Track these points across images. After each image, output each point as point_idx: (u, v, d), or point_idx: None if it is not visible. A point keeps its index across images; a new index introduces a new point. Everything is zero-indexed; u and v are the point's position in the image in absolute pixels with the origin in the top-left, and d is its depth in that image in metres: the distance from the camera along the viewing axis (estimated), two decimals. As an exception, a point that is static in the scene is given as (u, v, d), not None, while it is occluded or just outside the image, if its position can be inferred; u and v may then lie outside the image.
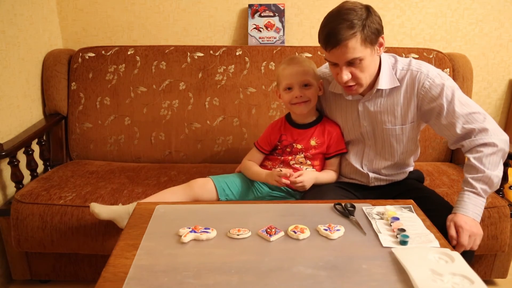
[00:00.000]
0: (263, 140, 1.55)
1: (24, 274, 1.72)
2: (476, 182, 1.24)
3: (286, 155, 1.51)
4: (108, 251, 1.24)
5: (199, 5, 2.20)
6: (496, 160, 1.26)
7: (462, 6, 2.20)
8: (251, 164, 1.54)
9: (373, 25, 1.21)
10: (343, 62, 1.24)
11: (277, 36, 2.16)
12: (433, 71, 1.33)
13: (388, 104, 1.37)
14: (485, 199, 1.25)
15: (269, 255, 1.00)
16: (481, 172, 1.24)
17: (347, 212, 1.18)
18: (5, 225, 1.63)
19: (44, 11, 2.07)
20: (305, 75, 1.41)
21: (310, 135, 1.48)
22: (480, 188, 1.24)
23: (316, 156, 1.49)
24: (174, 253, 1.01)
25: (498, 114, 2.37)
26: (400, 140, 1.42)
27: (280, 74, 1.45)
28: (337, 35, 1.19)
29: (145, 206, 1.24)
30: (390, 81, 1.34)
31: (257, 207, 1.26)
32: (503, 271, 1.74)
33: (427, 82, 1.31)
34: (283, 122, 1.53)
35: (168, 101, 2.03)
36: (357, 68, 1.25)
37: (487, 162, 1.25)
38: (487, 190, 1.25)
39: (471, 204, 1.23)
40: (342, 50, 1.21)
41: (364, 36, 1.20)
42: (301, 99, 1.41)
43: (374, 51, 1.26)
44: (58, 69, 2.03)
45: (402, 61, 1.37)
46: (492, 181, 1.24)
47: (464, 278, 0.89)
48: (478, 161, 1.25)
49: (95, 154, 2.04)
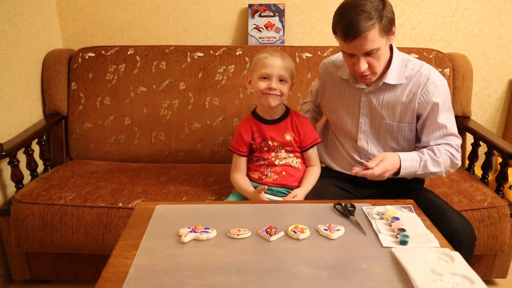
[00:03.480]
0: (237, 143, 1.52)
1: (24, 274, 1.72)
2: (428, 155, 1.35)
3: (264, 154, 1.49)
4: (108, 251, 1.25)
5: (199, 5, 2.20)
6: (447, 164, 1.37)
7: (462, 6, 2.20)
8: (238, 180, 1.51)
9: (388, 15, 1.24)
10: (362, 53, 1.26)
11: (277, 36, 2.16)
12: (442, 81, 1.37)
13: (390, 100, 1.39)
14: (418, 169, 1.35)
15: (269, 255, 1.00)
16: (437, 157, 1.35)
17: (347, 212, 1.18)
18: (5, 225, 1.63)
19: (44, 11, 2.07)
20: (286, 70, 1.40)
21: (283, 130, 1.48)
22: (425, 159, 1.34)
23: (297, 149, 1.50)
24: (174, 253, 1.01)
25: (498, 114, 2.37)
26: (395, 137, 1.43)
27: (260, 62, 1.41)
28: (357, 26, 1.20)
29: (145, 206, 1.24)
30: (398, 77, 1.37)
31: (257, 207, 1.26)
32: (503, 271, 1.74)
33: (431, 88, 1.34)
34: (251, 119, 1.52)
35: (168, 101, 2.03)
36: (374, 58, 1.28)
37: (443, 159, 1.36)
38: (426, 166, 1.35)
39: (410, 161, 1.34)
40: (362, 42, 1.22)
41: (382, 26, 1.22)
42: (275, 92, 1.40)
43: (389, 40, 1.29)
44: (58, 69, 2.03)
45: (415, 62, 1.39)
46: (434, 168, 1.35)
47: (464, 278, 0.89)
48: (439, 151, 1.36)
49: (95, 154, 2.04)
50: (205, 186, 1.71)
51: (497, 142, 1.75)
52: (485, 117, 2.38)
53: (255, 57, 1.46)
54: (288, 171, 1.49)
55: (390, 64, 1.36)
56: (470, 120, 2.03)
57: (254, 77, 1.44)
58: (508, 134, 2.33)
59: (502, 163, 1.71)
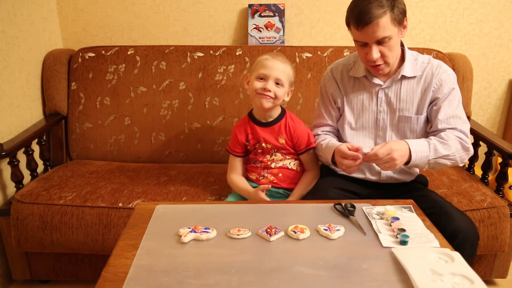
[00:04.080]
0: (233, 143, 1.54)
1: (24, 274, 1.72)
2: (435, 140, 1.34)
3: (259, 156, 1.50)
4: (108, 251, 1.25)
5: (199, 5, 2.20)
6: (458, 148, 1.35)
7: (462, 6, 2.20)
8: (236, 181, 1.52)
9: (400, 5, 1.29)
10: (374, 41, 1.29)
11: (277, 36, 2.16)
12: (451, 70, 1.43)
13: (408, 93, 1.43)
14: (429, 154, 1.32)
15: (269, 255, 1.00)
16: (444, 140, 1.34)
17: (347, 212, 1.18)
18: (5, 225, 1.63)
19: (44, 11, 2.07)
20: (283, 74, 1.41)
21: (277, 133, 1.48)
22: (433, 143, 1.33)
23: (292, 151, 1.50)
24: (174, 253, 1.01)
25: (498, 114, 2.37)
26: (414, 130, 1.45)
27: (260, 63, 1.43)
28: (369, 13, 1.25)
29: (145, 206, 1.24)
30: (413, 69, 1.41)
31: (257, 207, 1.26)
32: (503, 271, 1.73)
33: (444, 76, 1.40)
34: (247, 120, 1.53)
35: (168, 101, 2.03)
36: (386, 47, 1.31)
37: (452, 142, 1.34)
38: (437, 148, 1.32)
39: (418, 145, 1.32)
40: (374, 28, 1.26)
41: (394, 15, 1.27)
42: (269, 93, 1.40)
43: (400, 32, 1.33)
44: (58, 69, 2.03)
45: (423, 57, 1.45)
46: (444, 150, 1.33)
47: (464, 278, 0.89)
48: (446, 135, 1.35)
49: (95, 154, 2.04)
50: (205, 186, 1.71)
51: (497, 142, 1.75)
52: (485, 117, 2.38)
53: (258, 58, 1.47)
54: (284, 173, 1.49)
55: (404, 58, 1.41)
56: (470, 120, 2.03)
57: (252, 77, 1.45)
58: (508, 134, 2.33)
59: (502, 163, 1.71)
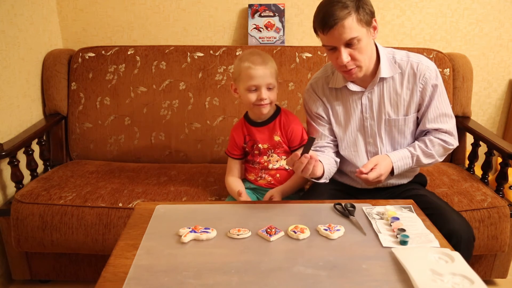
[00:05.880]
0: (231, 146, 1.54)
1: (24, 274, 1.72)
2: (420, 150, 1.39)
3: (256, 157, 1.50)
4: (108, 251, 1.24)
5: (199, 5, 2.20)
6: (440, 153, 1.41)
7: (462, 6, 2.20)
8: (230, 183, 1.52)
9: (366, 6, 1.26)
10: (342, 43, 1.26)
11: (277, 36, 2.16)
12: (432, 63, 1.41)
13: (391, 94, 1.40)
14: (411, 165, 1.40)
15: (269, 255, 1.00)
16: (429, 149, 1.39)
17: (347, 212, 1.18)
18: (5, 225, 1.63)
19: (44, 11, 2.07)
20: (271, 77, 1.39)
21: (272, 132, 1.47)
22: (416, 154, 1.38)
23: (287, 150, 1.49)
24: (174, 253, 1.01)
25: (498, 114, 2.37)
26: (402, 131, 1.43)
27: (244, 72, 1.37)
28: (333, 15, 1.22)
29: (145, 206, 1.24)
30: (391, 69, 1.38)
31: (257, 207, 1.26)
32: (503, 271, 1.74)
33: (428, 73, 1.38)
34: (243, 122, 1.52)
35: (168, 101, 2.03)
36: (356, 50, 1.27)
37: (436, 149, 1.40)
38: (420, 160, 1.39)
39: (402, 160, 1.38)
40: (339, 31, 1.23)
41: (360, 16, 1.24)
42: (265, 101, 1.39)
43: (370, 33, 1.30)
44: (58, 69, 2.03)
45: (400, 53, 1.42)
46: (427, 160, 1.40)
47: (464, 278, 0.89)
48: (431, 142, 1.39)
49: (95, 154, 2.04)
50: (205, 186, 1.71)
51: (497, 142, 1.75)
52: (485, 117, 2.38)
53: (237, 64, 1.42)
54: (282, 174, 1.49)
55: (380, 59, 1.37)
56: (470, 120, 2.03)
57: (240, 87, 1.41)
58: (508, 134, 2.33)
59: (502, 163, 1.71)
